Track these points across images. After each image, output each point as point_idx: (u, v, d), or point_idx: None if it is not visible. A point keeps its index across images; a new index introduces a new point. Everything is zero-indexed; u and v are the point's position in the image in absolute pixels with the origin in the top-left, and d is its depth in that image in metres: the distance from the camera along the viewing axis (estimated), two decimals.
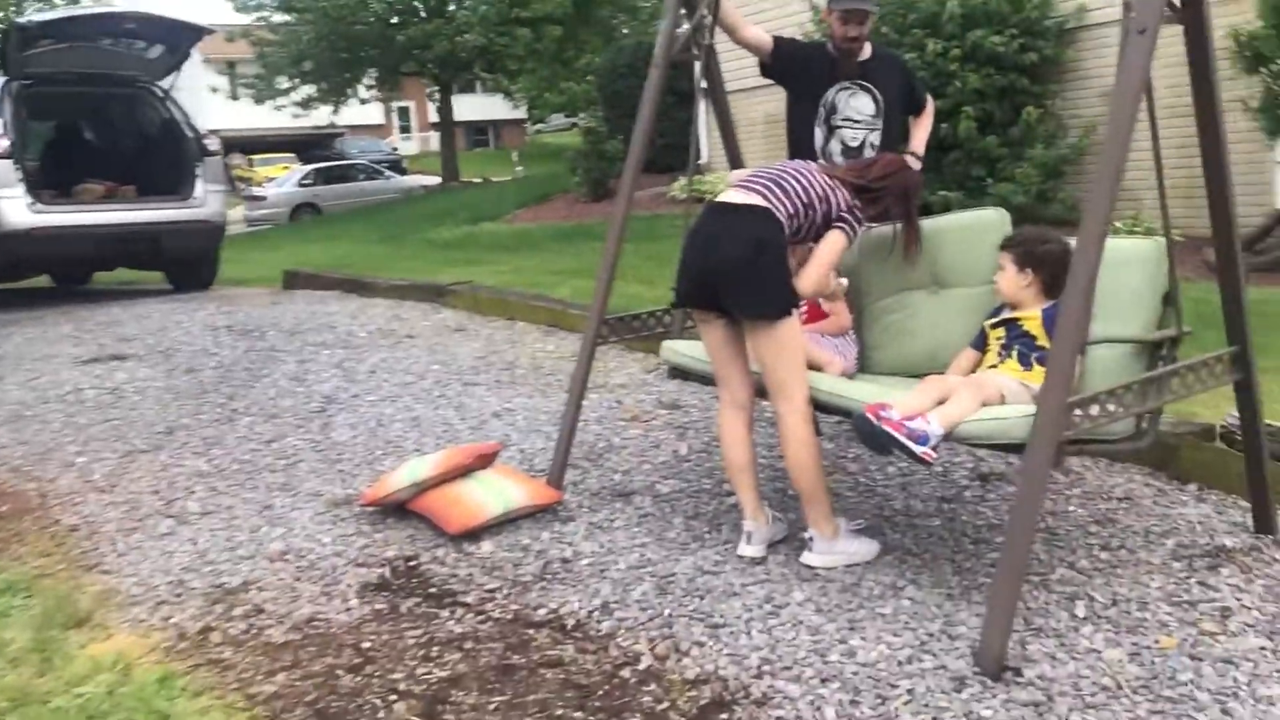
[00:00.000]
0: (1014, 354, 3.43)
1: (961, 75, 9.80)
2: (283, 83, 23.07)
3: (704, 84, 4.47)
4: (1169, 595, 3.19)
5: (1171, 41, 3.05)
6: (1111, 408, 3.00)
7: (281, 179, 28.46)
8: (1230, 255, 3.35)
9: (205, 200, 10.22)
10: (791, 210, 3.43)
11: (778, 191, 3.44)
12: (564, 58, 23.37)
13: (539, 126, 57.70)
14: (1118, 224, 9.15)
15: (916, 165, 4.63)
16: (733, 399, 3.62)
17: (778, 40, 4.53)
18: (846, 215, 3.52)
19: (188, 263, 10.61)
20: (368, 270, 11.03)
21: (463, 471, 4.09)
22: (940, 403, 3.22)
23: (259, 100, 24.00)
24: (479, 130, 53.52)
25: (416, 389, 5.96)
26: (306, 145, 40.70)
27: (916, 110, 4.73)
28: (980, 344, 3.59)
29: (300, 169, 29.06)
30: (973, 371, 3.57)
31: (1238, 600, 3.13)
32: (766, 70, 4.61)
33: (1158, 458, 4.11)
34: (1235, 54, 7.52)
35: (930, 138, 4.84)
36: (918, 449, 3.06)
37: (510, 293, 8.07)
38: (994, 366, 3.45)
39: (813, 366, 3.76)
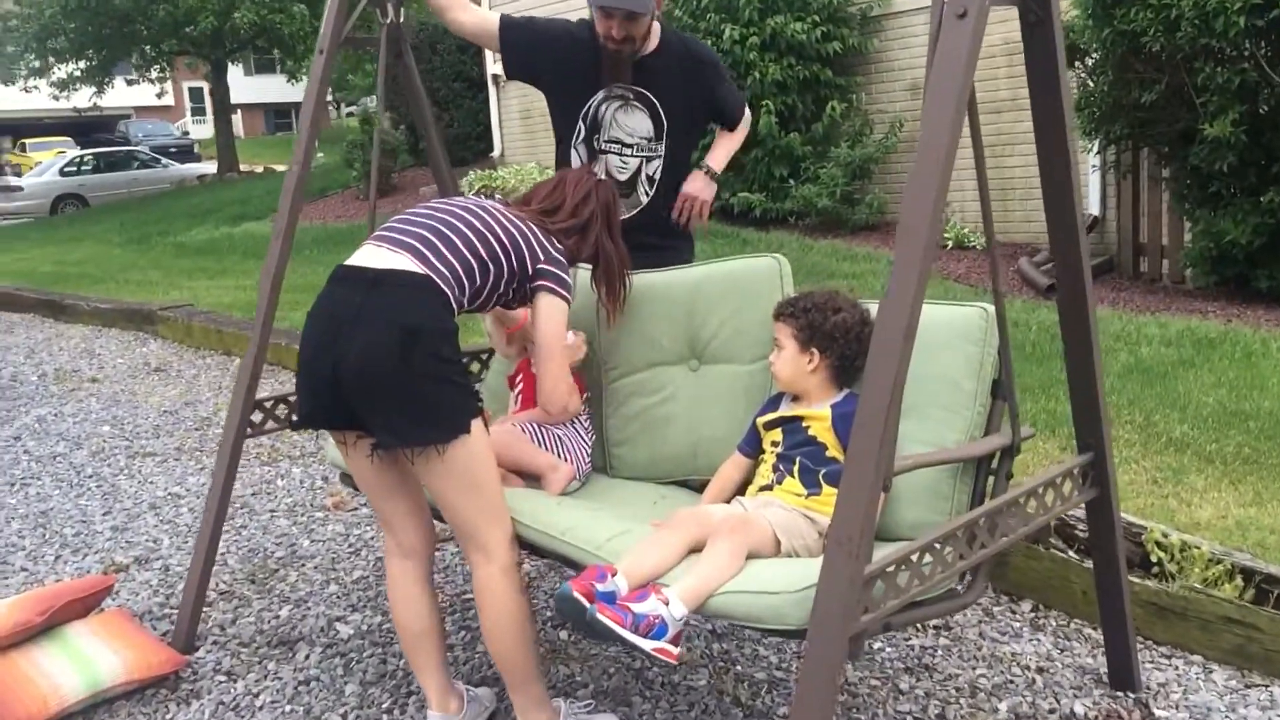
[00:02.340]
0: (795, 469, 2.42)
1: (761, 65, 8.92)
2: (32, 61, 20.47)
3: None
4: None
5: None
6: (929, 569, 2.04)
7: (41, 166, 25.65)
8: (1081, 321, 2.41)
9: None
10: (461, 272, 2.33)
11: (439, 246, 2.33)
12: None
13: (350, 110, 54.86)
14: None
15: (709, 190, 3.36)
16: (399, 545, 2.50)
17: (508, 24, 3.23)
18: (548, 267, 2.45)
19: None
20: (95, 281, 9.43)
21: (38, 629, 2.86)
22: (696, 549, 2.20)
23: (6, 81, 21.30)
24: (281, 114, 50.61)
25: (65, 464, 4.62)
26: (88, 129, 37.41)
27: (727, 127, 3.49)
28: (752, 447, 2.58)
29: (65, 156, 26.31)
30: (745, 485, 2.57)
31: None
32: (505, 68, 3.34)
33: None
34: None
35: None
36: (649, 645, 2.01)
37: (229, 321, 6.70)
38: (768, 488, 2.44)
39: (527, 475, 2.71)
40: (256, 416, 3.19)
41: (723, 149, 3.46)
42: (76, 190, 23.81)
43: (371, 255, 2.33)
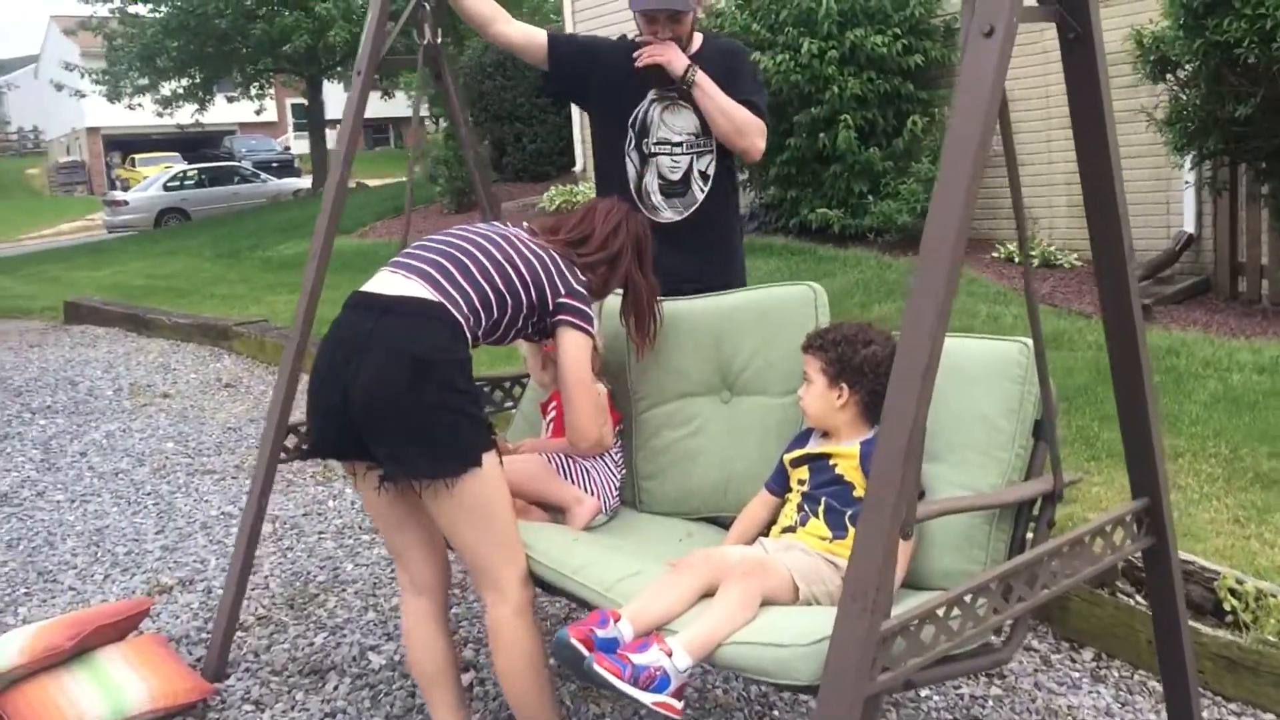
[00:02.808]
0: (820, 509, 2.30)
1: (840, 79, 8.74)
2: (137, 79, 21.15)
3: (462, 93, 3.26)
4: None
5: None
6: (957, 623, 1.90)
7: (146, 181, 26.50)
8: (1129, 351, 2.24)
9: None
10: (477, 301, 2.26)
11: (455, 274, 2.27)
12: (446, 54, 21.75)
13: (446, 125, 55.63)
14: (1009, 245, 8.20)
15: (677, 60, 3.10)
16: (412, 581, 2.44)
17: (556, 40, 3.26)
18: (569, 301, 2.38)
19: None
20: (182, 295, 9.65)
21: (68, 654, 2.86)
22: (709, 594, 2.10)
23: (111, 99, 22.06)
24: (379, 129, 51.58)
25: (125, 481, 4.68)
26: (195, 144, 38.59)
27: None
28: (779, 484, 2.46)
29: (169, 171, 27.14)
30: (772, 523, 2.45)
31: None
32: (550, 82, 3.35)
33: (1043, 611, 3.04)
34: (1138, 59, 6.54)
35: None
36: (649, 699, 1.91)
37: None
38: (791, 529, 2.32)
39: (551, 508, 2.63)
40: (291, 441, 3.15)
41: (727, 99, 3.15)
42: (179, 204, 24.51)
43: (385, 282, 2.28)
